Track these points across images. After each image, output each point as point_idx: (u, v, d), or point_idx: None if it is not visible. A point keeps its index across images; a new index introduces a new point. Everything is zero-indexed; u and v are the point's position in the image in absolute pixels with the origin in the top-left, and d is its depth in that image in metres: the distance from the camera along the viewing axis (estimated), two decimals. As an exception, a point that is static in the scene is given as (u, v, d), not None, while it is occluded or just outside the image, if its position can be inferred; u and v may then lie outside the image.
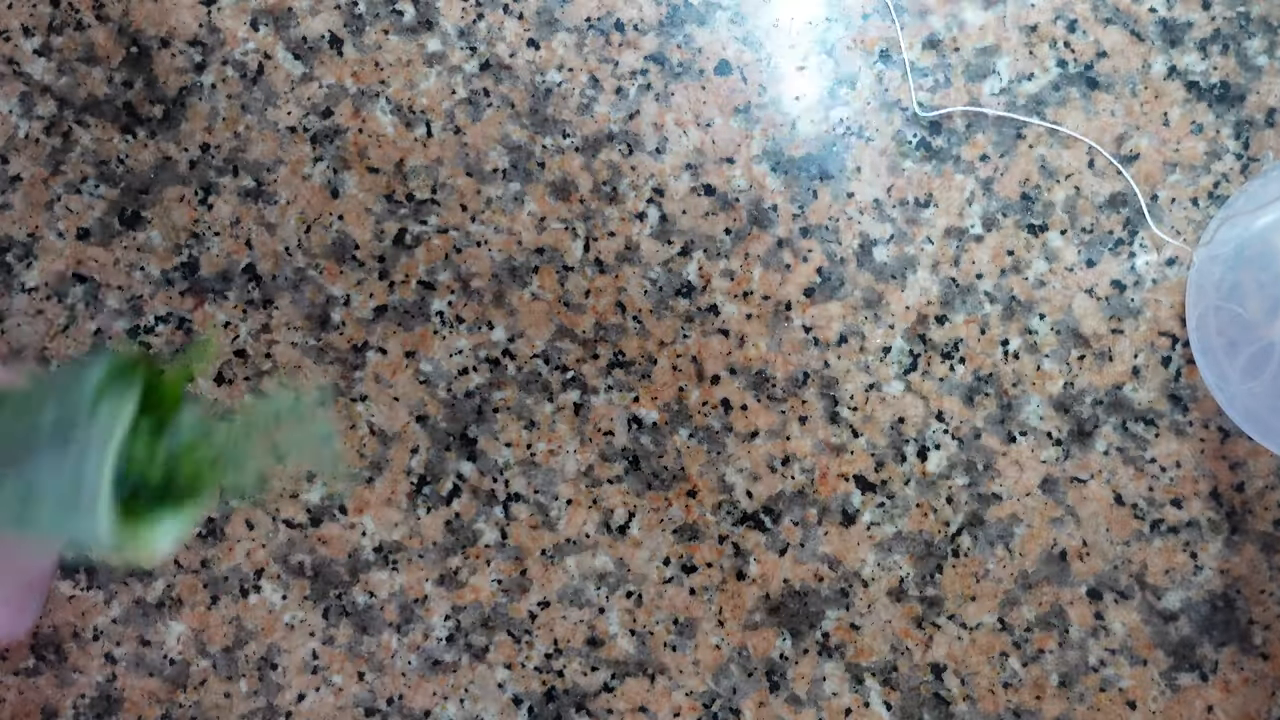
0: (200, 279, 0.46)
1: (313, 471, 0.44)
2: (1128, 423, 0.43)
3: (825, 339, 0.44)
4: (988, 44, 0.45)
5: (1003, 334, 0.44)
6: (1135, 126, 0.44)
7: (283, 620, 0.44)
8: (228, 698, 0.44)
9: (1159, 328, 0.44)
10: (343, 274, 0.45)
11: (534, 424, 0.45)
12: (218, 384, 0.45)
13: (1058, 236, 0.44)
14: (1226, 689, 0.42)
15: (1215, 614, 0.43)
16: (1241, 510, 0.43)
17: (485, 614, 0.44)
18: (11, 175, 0.46)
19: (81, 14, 0.47)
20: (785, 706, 0.43)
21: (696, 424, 0.44)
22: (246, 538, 0.45)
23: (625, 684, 0.44)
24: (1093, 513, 0.43)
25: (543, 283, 0.45)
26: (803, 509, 0.44)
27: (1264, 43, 0.44)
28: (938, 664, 0.43)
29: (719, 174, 0.45)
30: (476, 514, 0.44)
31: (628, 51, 0.46)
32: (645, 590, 0.44)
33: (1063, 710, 0.43)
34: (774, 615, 0.44)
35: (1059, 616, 0.43)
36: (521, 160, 0.46)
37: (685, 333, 0.45)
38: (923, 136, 0.45)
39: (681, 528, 0.44)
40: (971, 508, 0.43)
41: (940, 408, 0.44)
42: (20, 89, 0.46)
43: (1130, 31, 0.45)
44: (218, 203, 0.46)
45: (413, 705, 0.44)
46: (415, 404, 0.45)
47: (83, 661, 0.44)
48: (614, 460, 0.44)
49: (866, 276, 0.45)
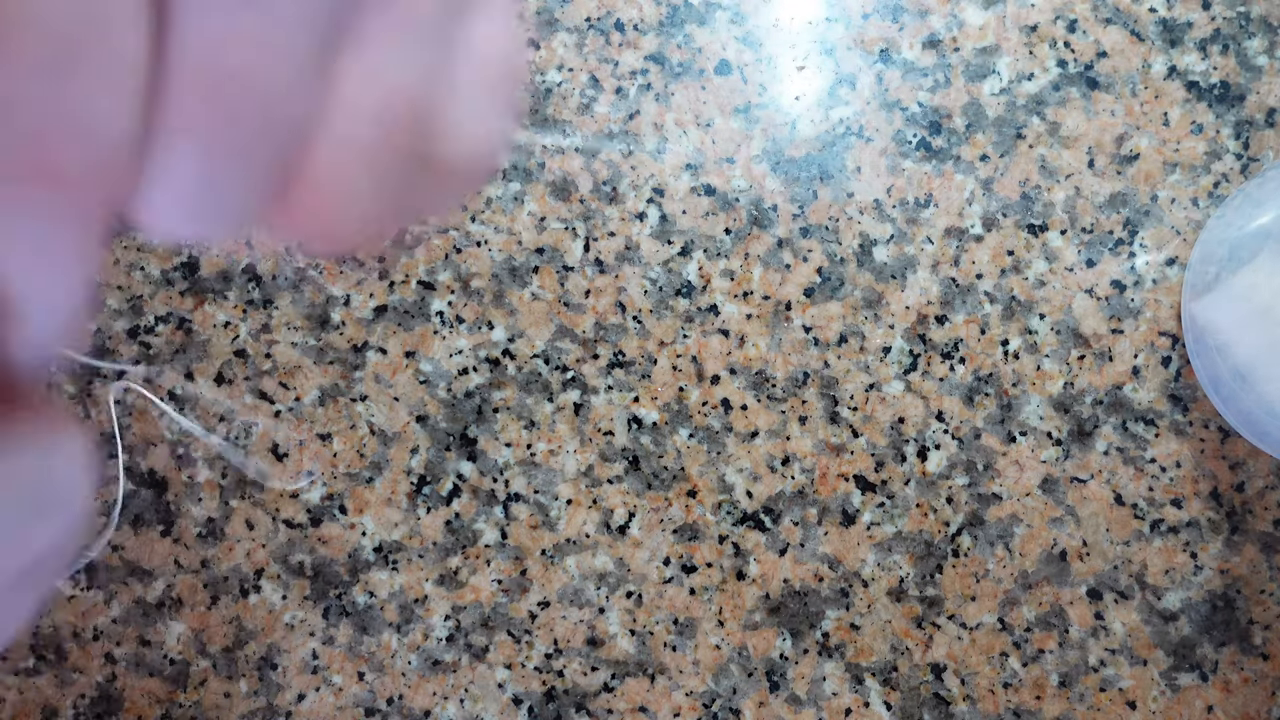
0: (200, 279, 0.46)
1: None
2: (1128, 423, 0.43)
3: (825, 339, 0.44)
4: (988, 44, 0.45)
5: (1003, 334, 0.44)
6: (1135, 126, 0.44)
7: (283, 620, 0.44)
8: (228, 698, 0.44)
9: (1159, 328, 0.44)
10: (343, 274, 0.45)
11: (534, 424, 0.45)
12: (218, 384, 0.45)
13: (1058, 236, 0.44)
14: (1226, 689, 0.42)
15: (1215, 614, 0.43)
16: (1241, 510, 0.43)
17: (485, 614, 0.44)
18: (11, 175, 0.46)
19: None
20: (785, 706, 0.43)
21: (696, 424, 0.44)
22: (246, 538, 0.45)
23: (625, 684, 0.44)
24: (1093, 513, 0.43)
25: (543, 283, 0.45)
26: (803, 509, 0.44)
27: (1264, 43, 0.44)
28: (938, 664, 0.43)
29: (719, 174, 0.45)
30: (476, 514, 0.44)
31: (628, 51, 0.46)
32: (645, 590, 0.44)
33: (1063, 710, 0.43)
34: (774, 615, 0.44)
35: (1059, 616, 0.43)
36: (521, 160, 0.46)
37: (685, 333, 0.45)
38: (923, 136, 0.45)
39: (681, 528, 0.44)
40: (971, 508, 0.43)
41: (940, 408, 0.44)
42: (20, 89, 0.46)
43: (1130, 31, 0.45)
44: (218, 203, 0.46)
45: (413, 705, 0.44)
46: (415, 404, 0.45)
47: (83, 661, 0.44)
48: (614, 460, 0.44)
49: (866, 276, 0.45)
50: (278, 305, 0.45)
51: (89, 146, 0.10)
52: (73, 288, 0.12)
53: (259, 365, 0.45)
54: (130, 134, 0.10)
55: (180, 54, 0.10)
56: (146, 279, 0.46)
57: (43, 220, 0.11)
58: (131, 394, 0.45)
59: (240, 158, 0.11)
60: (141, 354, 0.46)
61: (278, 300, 0.45)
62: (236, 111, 0.11)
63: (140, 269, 0.46)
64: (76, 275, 0.11)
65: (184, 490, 0.45)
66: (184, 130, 0.11)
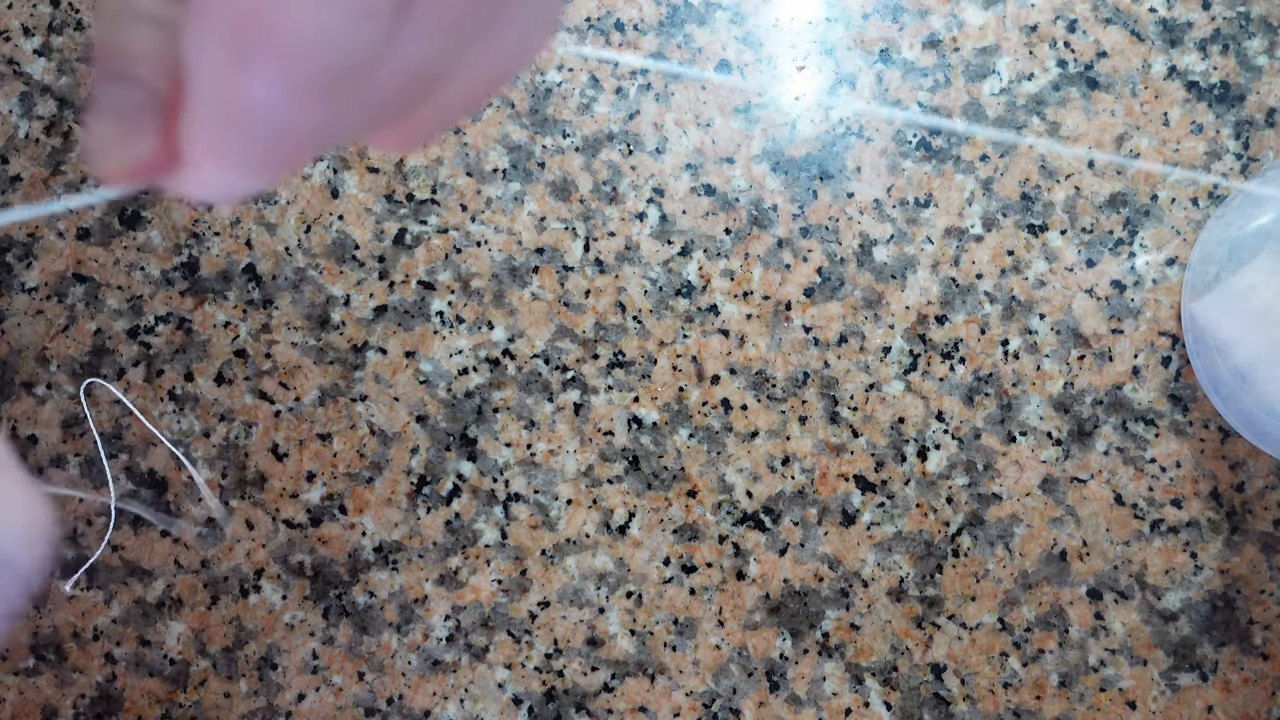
0: (200, 279, 0.46)
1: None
2: (1128, 423, 0.43)
3: (825, 339, 0.44)
4: (988, 44, 0.45)
5: (1003, 334, 0.44)
6: (1135, 126, 0.44)
7: (283, 620, 0.44)
8: (228, 698, 0.44)
9: (1159, 328, 0.44)
10: (343, 274, 0.45)
11: (534, 424, 0.45)
12: (218, 384, 0.45)
13: (1058, 236, 0.44)
14: (1226, 689, 0.42)
15: (1215, 614, 0.43)
16: (1241, 510, 0.43)
17: (485, 614, 0.44)
18: (11, 175, 0.46)
19: (81, 14, 0.47)
20: (785, 706, 0.43)
21: (696, 424, 0.44)
22: (246, 538, 0.45)
23: (625, 684, 0.44)
24: (1093, 513, 0.43)
25: (543, 283, 0.45)
26: (803, 509, 0.44)
27: (1264, 43, 0.44)
28: (938, 664, 0.43)
29: (719, 174, 0.45)
30: (476, 514, 0.44)
31: (628, 51, 0.46)
32: (645, 590, 0.44)
33: (1063, 710, 0.43)
34: (774, 615, 0.44)
35: (1059, 616, 0.43)
36: (521, 160, 0.46)
37: (685, 333, 0.45)
38: (923, 137, 0.45)
39: (681, 528, 0.44)
40: (971, 508, 0.43)
41: (940, 408, 0.44)
42: (20, 89, 0.46)
43: (1130, 31, 0.45)
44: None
45: (413, 705, 0.44)
46: (415, 404, 0.45)
47: (83, 661, 0.44)
48: (614, 460, 0.44)
49: (866, 276, 0.45)
50: (278, 305, 0.45)
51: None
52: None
53: (259, 365, 0.45)
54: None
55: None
56: (146, 279, 0.46)
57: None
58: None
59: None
60: (141, 354, 0.46)
61: (278, 300, 0.45)
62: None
63: (140, 269, 0.46)
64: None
65: (184, 490, 0.45)
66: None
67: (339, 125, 0.14)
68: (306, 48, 0.12)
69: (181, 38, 0.13)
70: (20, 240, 0.46)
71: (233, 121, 0.13)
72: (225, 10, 0.12)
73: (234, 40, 0.12)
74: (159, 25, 0.14)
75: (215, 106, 0.13)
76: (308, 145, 0.14)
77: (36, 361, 0.46)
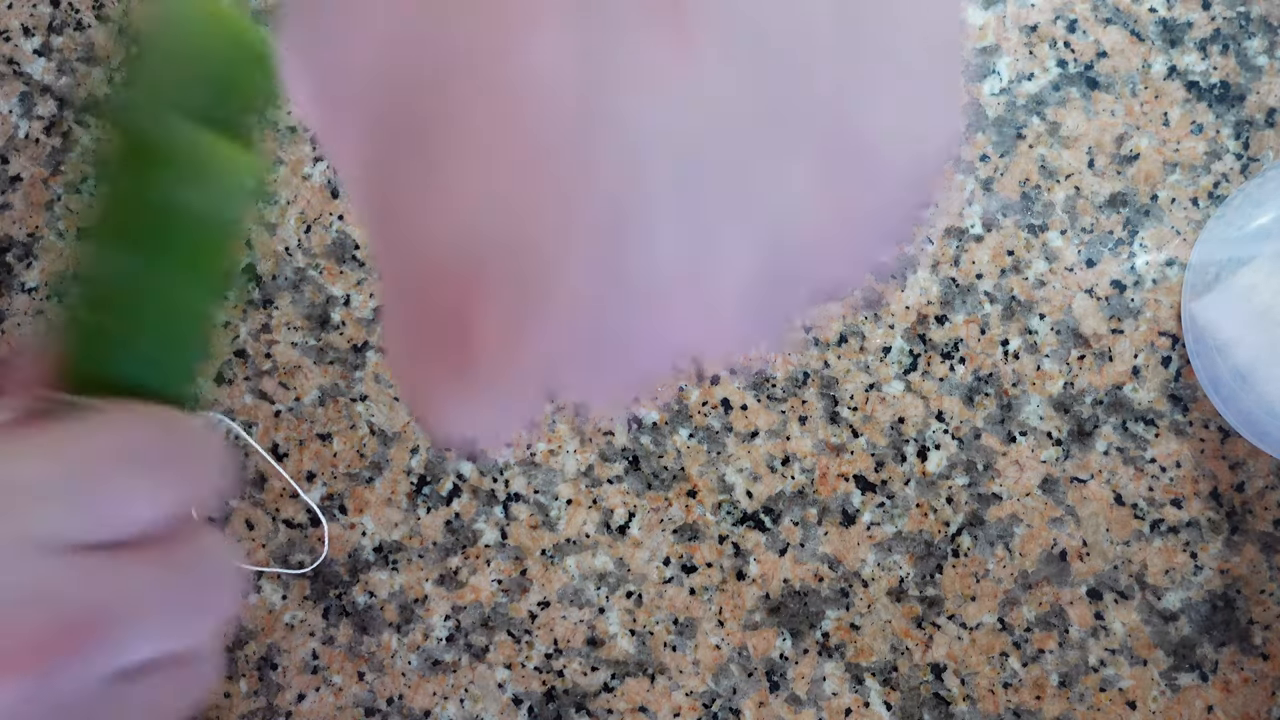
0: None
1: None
2: (1128, 423, 0.43)
3: (825, 339, 0.44)
4: (988, 44, 0.45)
5: (1003, 334, 0.44)
6: (1135, 126, 0.44)
7: (283, 620, 0.44)
8: (228, 698, 0.44)
9: (1159, 328, 0.44)
10: (343, 274, 0.45)
11: (534, 423, 0.45)
12: (218, 384, 0.45)
13: (1058, 236, 0.44)
14: (1226, 689, 0.42)
15: (1215, 614, 0.43)
16: (1241, 510, 0.43)
17: (485, 614, 0.44)
18: (11, 175, 0.46)
19: (81, 14, 0.47)
20: (785, 706, 0.43)
21: (696, 424, 0.44)
22: (247, 538, 0.45)
23: (625, 684, 0.44)
24: (1093, 513, 0.43)
25: (543, 283, 0.45)
26: (803, 509, 0.44)
27: (1264, 43, 0.44)
28: (938, 664, 0.43)
29: (719, 174, 0.45)
30: (476, 514, 0.44)
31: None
32: (645, 590, 0.44)
33: (1063, 710, 0.43)
34: (774, 615, 0.44)
35: (1059, 616, 0.43)
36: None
37: (685, 333, 0.45)
38: (923, 136, 0.45)
39: (681, 528, 0.44)
40: (971, 508, 0.43)
41: (940, 408, 0.44)
42: (20, 89, 0.46)
43: (1130, 31, 0.45)
44: (218, 203, 0.46)
45: (413, 705, 0.44)
46: (415, 404, 0.45)
47: (83, 661, 0.44)
48: (614, 460, 0.44)
49: (866, 276, 0.45)
50: (278, 305, 0.45)
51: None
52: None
53: (259, 365, 0.45)
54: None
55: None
56: (146, 279, 0.46)
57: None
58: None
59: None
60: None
61: (278, 300, 0.45)
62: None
63: (140, 269, 0.46)
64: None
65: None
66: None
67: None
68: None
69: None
70: (20, 240, 0.46)
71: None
72: None
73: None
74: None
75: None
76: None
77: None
